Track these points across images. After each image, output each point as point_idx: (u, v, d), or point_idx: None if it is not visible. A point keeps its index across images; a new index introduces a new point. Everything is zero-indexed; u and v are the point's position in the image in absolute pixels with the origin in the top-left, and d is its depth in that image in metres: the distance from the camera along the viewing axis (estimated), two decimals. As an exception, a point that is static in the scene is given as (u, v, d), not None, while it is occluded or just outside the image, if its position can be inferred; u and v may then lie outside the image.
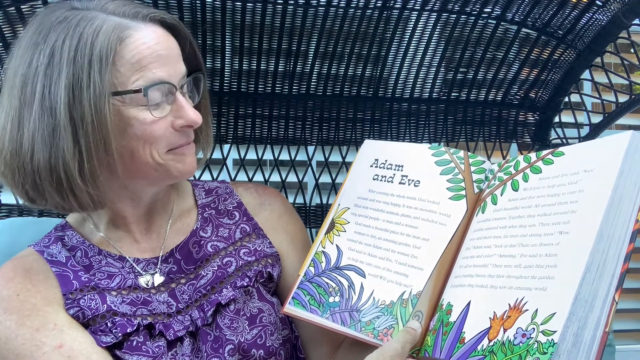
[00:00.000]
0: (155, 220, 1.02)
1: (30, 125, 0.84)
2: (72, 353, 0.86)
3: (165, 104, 0.89)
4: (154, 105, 0.88)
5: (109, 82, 0.84)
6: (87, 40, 0.84)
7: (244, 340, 0.94)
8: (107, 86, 0.83)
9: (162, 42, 0.89)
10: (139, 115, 0.87)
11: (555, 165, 0.81)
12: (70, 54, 0.83)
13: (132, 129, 0.87)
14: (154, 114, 0.88)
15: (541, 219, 0.77)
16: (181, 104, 0.90)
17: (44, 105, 0.83)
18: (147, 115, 0.87)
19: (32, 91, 0.84)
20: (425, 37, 1.38)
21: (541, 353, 0.67)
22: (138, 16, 0.89)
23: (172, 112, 0.90)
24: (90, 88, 0.83)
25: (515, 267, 0.76)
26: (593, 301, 0.67)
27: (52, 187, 0.85)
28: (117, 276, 0.96)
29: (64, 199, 0.87)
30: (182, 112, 0.91)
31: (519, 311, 0.72)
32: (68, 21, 0.85)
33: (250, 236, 1.05)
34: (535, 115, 1.54)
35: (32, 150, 0.84)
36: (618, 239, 0.69)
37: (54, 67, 0.84)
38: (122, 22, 0.87)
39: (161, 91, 0.88)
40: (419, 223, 0.90)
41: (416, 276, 0.86)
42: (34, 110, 0.84)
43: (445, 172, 0.93)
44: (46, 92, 0.84)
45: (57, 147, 0.83)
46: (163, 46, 0.89)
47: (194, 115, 0.91)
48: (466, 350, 0.75)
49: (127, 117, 0.87)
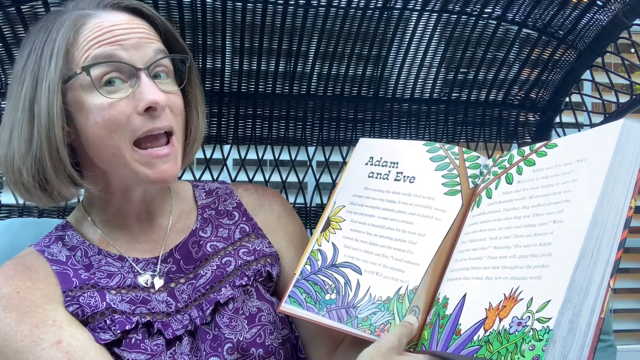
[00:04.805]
0: (155, 220, 1.02)
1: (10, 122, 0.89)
2: (71, 349, 0.86)
3: (127, 87, 0.88)
4: (108, 87, 0.87)
5: (61, 70, 0.86)
6: (52, 36, 0.87)
7: (242, 339, 0.93)
8: (59, 74, 0.86)
9: (122, 25, 0.89)
10: (96, 100, 0.87)
11: (548, 157, 0.81)
12: (39, 51, 0.87)
13: (93, 115, 0.87)
14: (109, 96, 0.87)
15: (535, 209, 0.77)
16: (144, 84, 0.87)
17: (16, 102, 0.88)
18: (102, 99, 0.87)
19: (13, 90, 0.89)
20: (425, 37, 1.38)
21: (537, 340, 0.67)
22: (100, 5, 0.90)
23: (134, 95, 0.87)
24: (48, 79, 0.85)
25: (510, 257, 0.76)
26: (588, 287, 0.67)
27: (30, 175, 0.88)
28: (117, 275, 0.96)
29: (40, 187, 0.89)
30: (143, 93, 0.87)
31: (515, 300, 0.72)
32: (46, 22, 0.90)
33: (250, 236, 1.05)
34: (536, 115, 1.54)
35: (13, 147, 0.88)
36: (612, 225, 0.69)
37: (26, 66, 0.88)
38: (84, 12, 0.89)
39: (119, 72, 0.87)
40: (414, 219, 0.90)
41: (412, 271, 0.86)
42: (12, 108, 0.89)
43: (440, 167, 0.93)
44: (19, 89, 0.88)
45: (30, 138, 0.87)
46: (121, 28, 0.88)
47: (156, 95, 0.87)
48: (462, 342, 0.75)
49: (87, 104, 0.87)
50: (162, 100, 0.88)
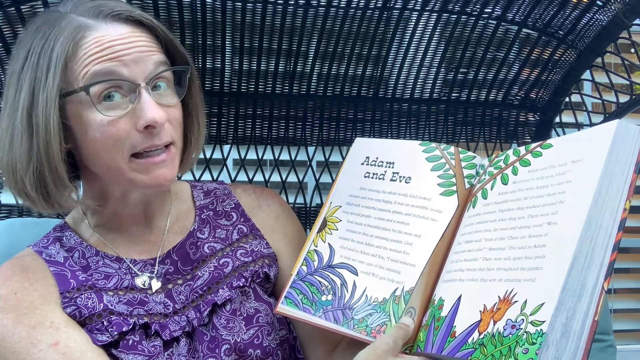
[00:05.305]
0: (153, 221, 1.02)
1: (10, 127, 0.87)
2: (67, 350, 0.86)
3: (127, 103, 0.87)
4: (107, 104, 0.86)
5: (59, 84, 0.84)
6: (50, 44, 0.85)
7: (240, 340, 0.93)
8: (56, 88, 0.84)
9: (122, 39, 0.87)
10: (96, 116, 0.86)
11: (543, 157, 0.81)
12: (36, 58, 0.85)
13: (92, 130, 0.86)
14: (106, 113, 0.85)
15: (530, 210, 0.77)
16: (143, 101, 0.86)
17: (15, 107, 0.87)
18: (102, 117, 0.85)
19: (10, 93, 0.88)
20: (425, 37, 1.38)
21: (530, 343, 0.67)
22: (99, 15, 0.88)
23: (134, 112, 0.86)
24: (46, 91, 0.84)
25: (504, 259, 0.76)
26: (582, 290, 0.67)
27: (32, 187, 0.87)
28: (114, 277, 0.96)
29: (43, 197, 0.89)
30: (142, 111, 0.86)
31: (509, 303, 0.72)
32: (44, 24, 0.88)
33: (248, 237, 1.05)
34: (536, 115, 1.54)
35: (14, 155, 0.87)
36: (606, 227, 0.69)
37: (24, 71, 0.86)
38: (84, 22, 0.86)
39: (119, 88, 0.86)
40: (410, 219, 0.90)
41: (408, 272, 0.86)
42: (11, 113, 0.87)
43: (436, 168, 0.93)
44: (17, 95, 0.86)
45: (30, 149, 0.85)
46: (121, 42, 0.86)
47: (155, 114, 0.86)
48: (457, 344, 0.75)
49: (86, 119, 0.86)
50: (162, 119, 0.87)
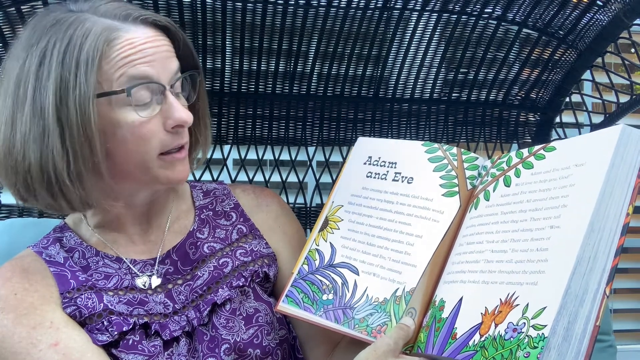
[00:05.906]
0: (153, 221, 1.02)
1: (21, 126, 0.84)
2: (67, 351, 0.86)
3: (155, 104, 0.88)
4: (141, 105, 0.87)
5: (94, 84, 0.83)
6: (77, 43, 0.84)
7: (239, 339, 0.93)
8: (92, 88, 0.83)
9: (151, 42, 0.88)
10: (127, 116, 0.86)
11: (547, 160, 0.81)
12: (60, 57, 0.84)
13: (122, 130, 0.87)
14: (141, 114, 0.87)
15: (532, 213, 0.77)
16: (171, 103, 0.89)
17: (35, 106, 0.84)
18: (134, 117, 0.86)
19: (24, 92, 0.85)
20: (425, 37, 1.38)
21: (532, 347, 0.67)
22: (129, 18, 0.88)
23: (162, 112, 0.89)
24: (77, 90, 0.83)
25: (506, 262, 0.76)
26: (584, 295, 0.67)
27: (43, 187, 0.86)
28: (114, 277, 0.96)
29: (54, 198, 0.87)
30: (172, 112, 0.89)
31: (510, 306, 0.72)
32: (61, 24, 0.86)
33: (247, 237, 1.05)
34: (536, 115, 1.53)
35: (23, 150, 0.85)
36: (609, 232, 0.69)
37: (44, 69, 0.84)
38: (112, 24, 0.86)
39: (150, 90, 0.87)
40: (412, 220, 0.90)
41: (409, 273, 0.86)
42: (25, 111, 0.84)
43: (439, 168, 0.93)
44: (37, 93, 0.84)
45: (46, 148, 0.84)
46: (151, 45, 0.87)
47: (184, 114, 0.90)
48: (458, 346, 0.75)
49: (116, 119, 0.86)
50: (190, 119, 0.91)
